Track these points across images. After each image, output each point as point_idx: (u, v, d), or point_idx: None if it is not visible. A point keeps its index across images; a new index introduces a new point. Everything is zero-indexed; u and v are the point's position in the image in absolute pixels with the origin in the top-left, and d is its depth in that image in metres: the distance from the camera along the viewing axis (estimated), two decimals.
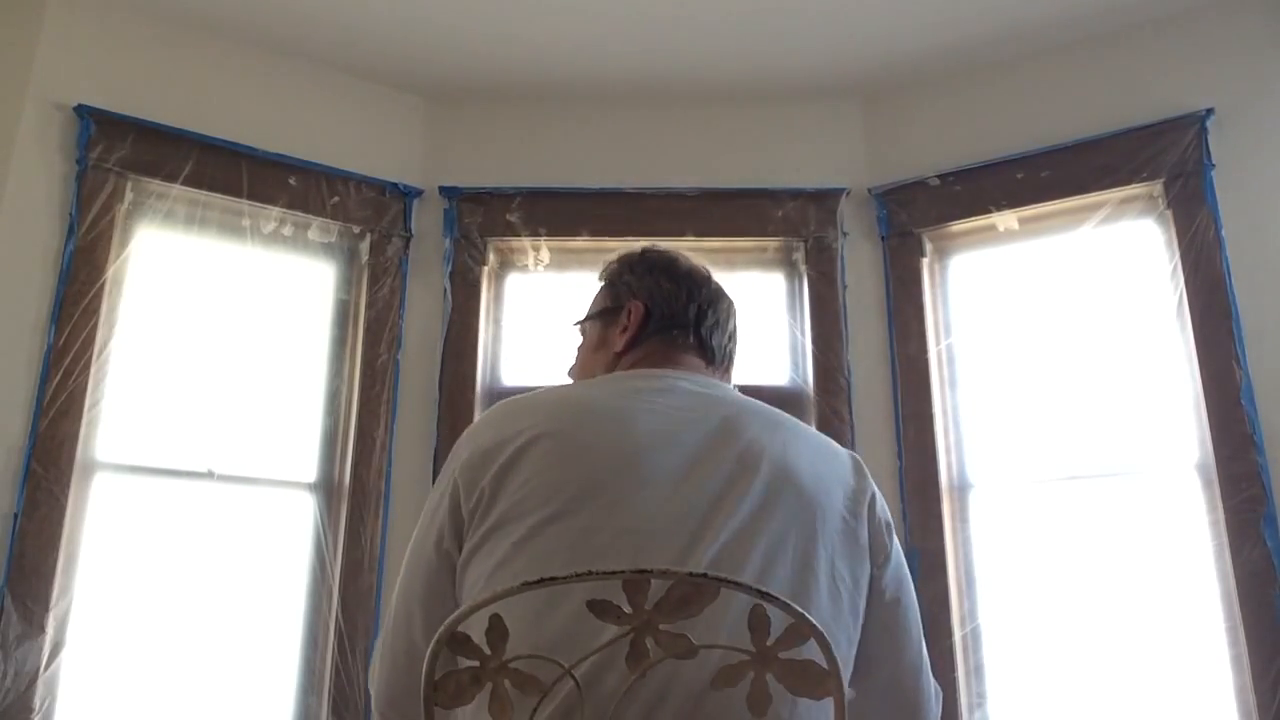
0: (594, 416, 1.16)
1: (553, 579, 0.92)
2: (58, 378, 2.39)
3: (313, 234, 2.84)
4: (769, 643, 0.88)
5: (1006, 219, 2.79)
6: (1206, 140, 2.57)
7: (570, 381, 1.42)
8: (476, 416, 2.76)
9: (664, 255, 1.42)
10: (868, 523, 1.16)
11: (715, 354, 1.36)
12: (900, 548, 1.21)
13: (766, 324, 2.91)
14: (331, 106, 2.94)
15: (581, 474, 1.08)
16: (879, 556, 1.16)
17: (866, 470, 1.22)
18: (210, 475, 2.58)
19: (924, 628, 1.26)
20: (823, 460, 1.18)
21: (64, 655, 2.29)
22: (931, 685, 1.21)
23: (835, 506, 1.14)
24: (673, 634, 0.89)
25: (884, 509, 1.20)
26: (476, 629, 0.89)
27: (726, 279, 1.48)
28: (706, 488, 1.08)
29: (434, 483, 1.20)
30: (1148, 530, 2.47)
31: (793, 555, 1.07)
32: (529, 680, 0.90)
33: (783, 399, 2.65)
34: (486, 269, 2.94)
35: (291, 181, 2.80)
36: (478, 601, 0.89)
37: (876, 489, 1.21)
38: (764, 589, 0.88)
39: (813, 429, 1.28)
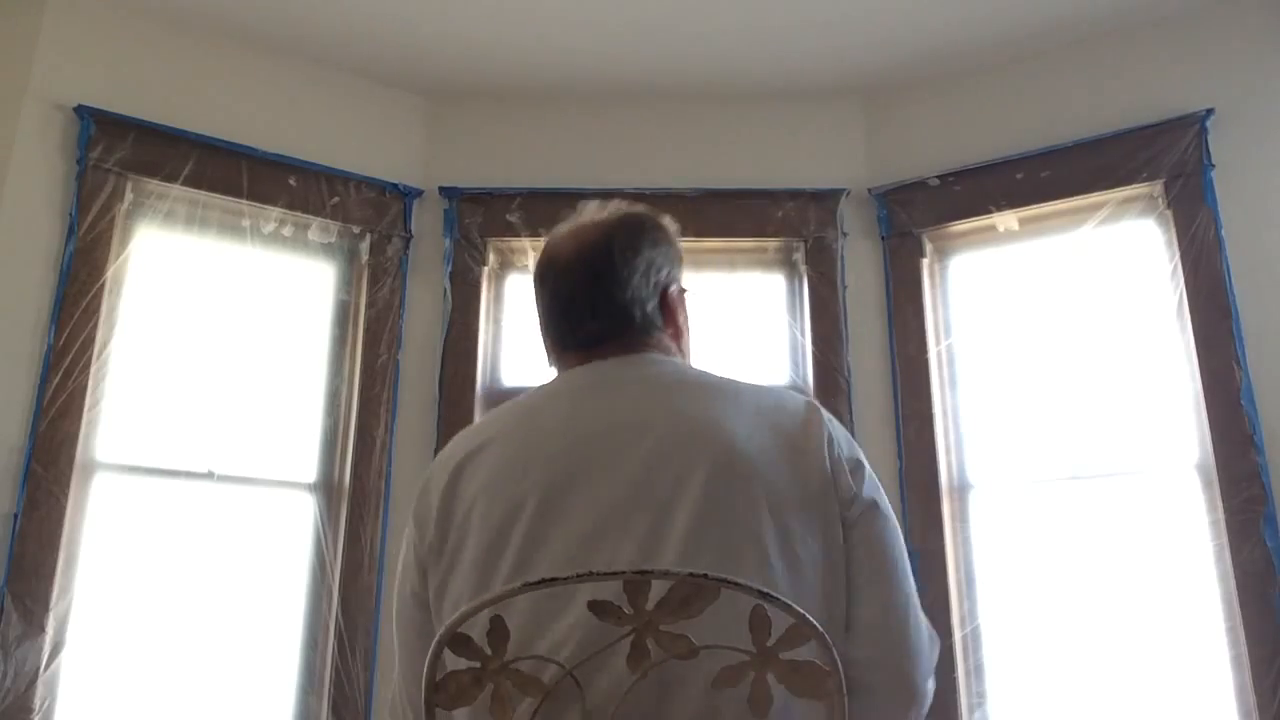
0: (502, 445, 1.15)
1: (553, 580, 0.92)
2: (58, 378, 2.39)
3: (313, 234, 2.84)
4: (770, 643, 0.88)
5: (1006, 219, 2.79)
6: (1206, 140, 2.57)
7: None
8: (477, 417, 2.76)
9: (540, 256, 1.31)
10: (829, 467, 1.09)
11: (610, 328, 1.23)
12: (875, 482, 1.14)
13: (766, 324, 2.91)
14: (331, 106, 2.94)
15: (504, 507, 1.08)
16: (845, 496, 1.09)
17: (824, 416, 1.15)
18: (210, 475, 2.58)
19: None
20: (765, 423, 1.11)
21: (64, 655, 2.29)
22: (923, 626, 1.12)
23: (782, 471, 1.08)
24: (673, 634, 0.89)
25: (845, 449, 1.12)
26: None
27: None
28: (616, 498, 1.05)
29: None
30: (1148, 530, 2.47)
31: (720, 537, 1.02)
32: (530, 681, 0.90)
33: None
34: (486, 269, 2.94)
35: (291, 181, 2.80)
36: (478, 602, 0.89)
37: (835, 431, 1.14)
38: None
39: (759, 386, 1.19)
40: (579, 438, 1.12)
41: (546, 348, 1.30)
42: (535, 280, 1.29)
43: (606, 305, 1.23)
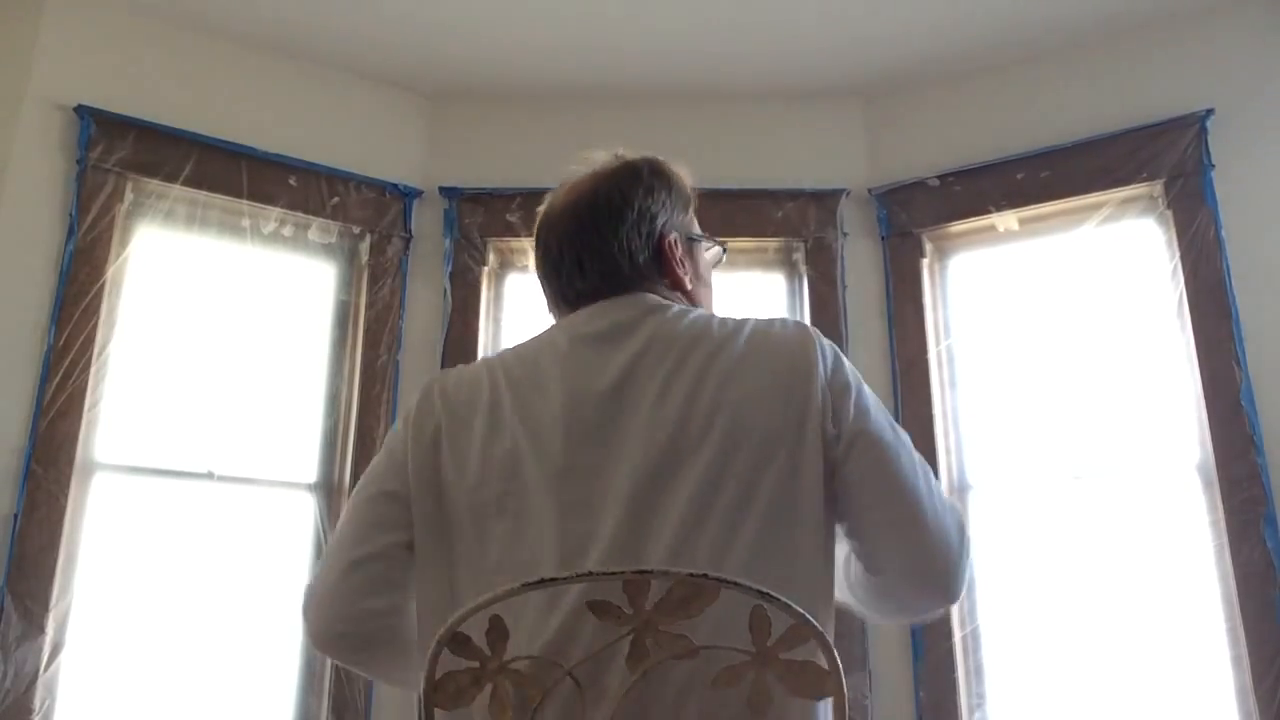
0: (496, 410, 1.14)
1: (553, 579, 0.92)
2: (58, 378, 2.39)
3: (313, 234, 2.84)
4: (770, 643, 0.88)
5: (1006, 219, 2.79)
6: (1206, 140, 2.57)
7: None
8: None
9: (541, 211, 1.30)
10: (820, 396, 1.08)
11: (597, 284, 1.21)
12: (872, 399, 1.12)
13: None
14: (331, 106, 2.94)
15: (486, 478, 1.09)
16: (840, 417, 1.08)
17: (817, 341, 1.13)
18: (210, 476, 2.58)
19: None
20: (752, 367, 1.10)
21: (64, 655, 2.29)
22: (944, 515, 1.09)
23: (775, 414, 1.06)
24: (674, 635, 0.89)
25: (836, 372, 1.11)
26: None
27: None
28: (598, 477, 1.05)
29: None
30: (1148, 530, 2.47)
31: (726, 503, 1.02)
32: (528, 680, 0.90)
33: None
34: (486, 269, 2.94)
35: (291, 182, 2.80)
36: (479, 602, 0.89)
37: (828, 353, 1.13)
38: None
39: (751, 323, 1.15)
40: (570, 399, 1.10)
41: (547, 303, 1.29)
42: (535, 236, 1.29)
43: (594, 260, 1.21)
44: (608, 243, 1.22)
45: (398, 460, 1.15)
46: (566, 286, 1.24)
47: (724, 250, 1.39)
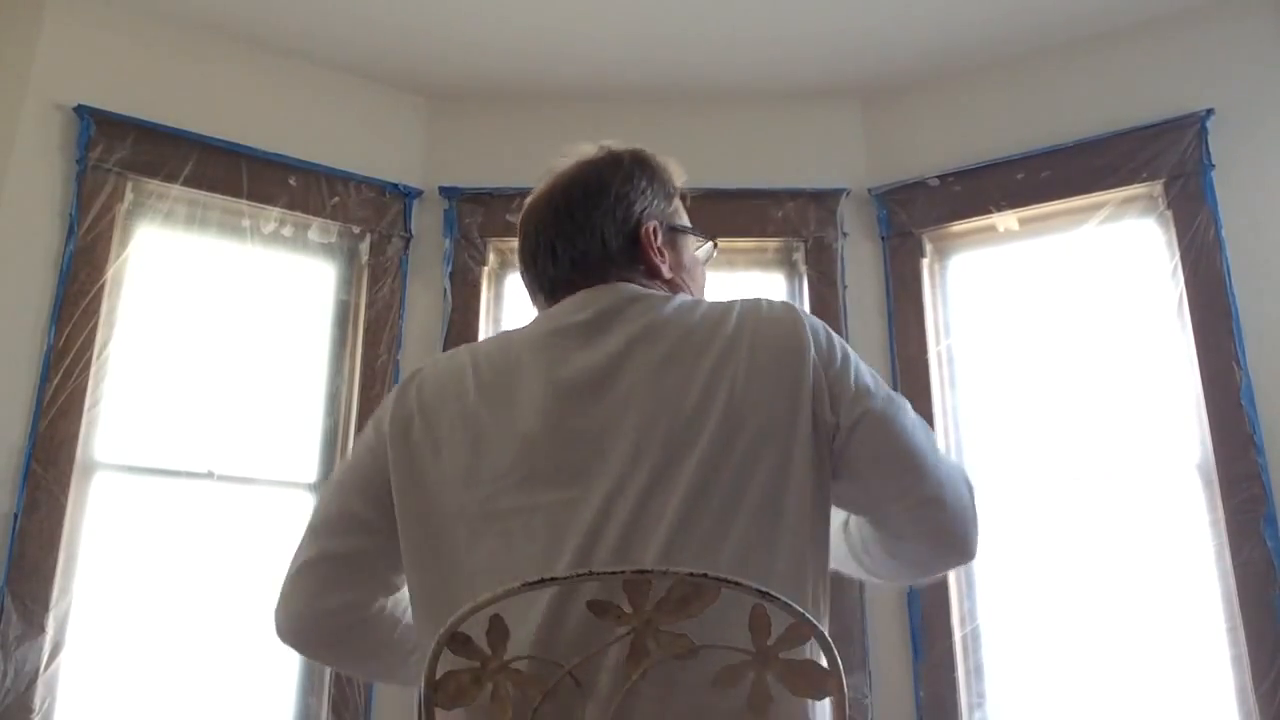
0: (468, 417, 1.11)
1: (553, 579, 0.92)
2: (58, 378, 2.39)
3: (313, 234, 2.84)
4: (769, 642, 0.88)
5: (1006, 219, 2.79)
6: (1206, 140, 2.56)
7: None
8: None
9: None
10: (812, 379, 1.06)
11: (568, 273, 1.19)
12: (866, 370, 1.12)
13: None
14: (331, 106, 2.94)
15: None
16: (838, 402, 1.07)
17: (806, 322, 1.11)
18: (210, 475, 2.58)
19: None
20: (744, 354, 1.07)
21: (64, 655, 2.29)
22: (955, 477, 1.11)
23: (769, 403, 1.04)
24: (673, 634, 0.89)
25: (828, 352, 1.09)
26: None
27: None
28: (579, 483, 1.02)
29: None
30: (1148, 530, 2.47)
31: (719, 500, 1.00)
32: (529, 680, 0.90)
33: None
34: (486, 269, 2.94)
35: (291, 181, 2.80)
36: (479, 602, 0.89)
37: (820, 333, 1.10)
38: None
39: (738, 306, 1.12)
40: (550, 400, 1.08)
41: (529, 294, 1.29)
42: (518, 226, 1.30)
43: (566, 246, 1.20)
44: (581, 228, 1.20)
45: (363, 465, 1.14)
46: (541, 274, 1.24)
47: (715, 247, 1.37)
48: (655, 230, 1.23)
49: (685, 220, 1.32)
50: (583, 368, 1.09)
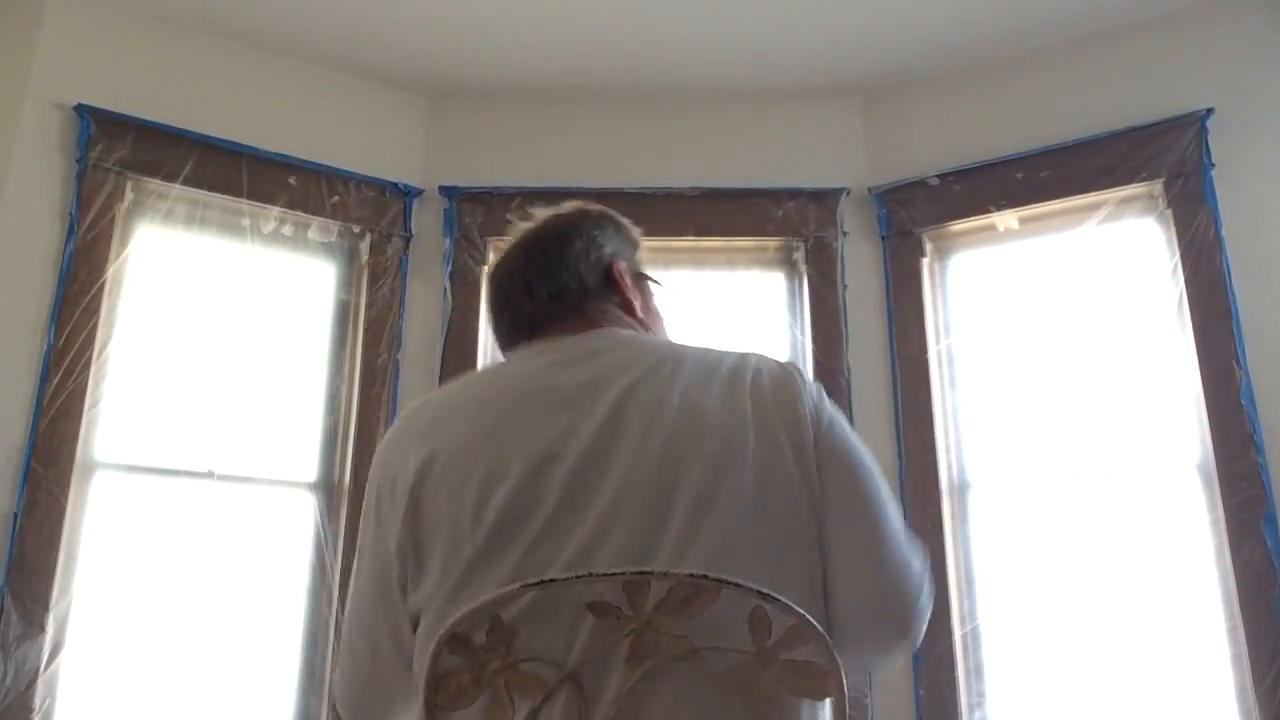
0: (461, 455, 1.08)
1: (552, 579, 0.92)
2: (58, 378, 2.39)
3: (313, 234, 2.84)
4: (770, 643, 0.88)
5: (1006, 219, 2.79)
6: (1206, 140, 2.56)
7: None
8: None
9: None
10: (809, 433, 1.05)
11: (545, 308, 1.19)
12: (844, 427, 1.10)
13: (766, 324, 2.91)
14: (331, 106, 2.94)
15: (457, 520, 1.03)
16: (822, 458, 1.06)
17: (800, 377, 1.11)
18: (210, 475, 2.58)
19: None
20: (739, 408, 1.06)
21: (64, 655, 2.29)
22: (904, 558, 1.09)
23: (762, 452, 1.03)
24: (674, 635, 0.89)
25: (820, 410, 1.08)
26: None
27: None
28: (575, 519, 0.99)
29: None
30: (1148, 530, 2.47)
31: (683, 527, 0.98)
32: (531, 681, 0.90)
33: None
34: (486, 269, 2.94)
35: (291, 181, 2.80)
36: (479, 603, 0.89)
37: (813, 390, 1.10)
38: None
39: (732, 358, 1.12)
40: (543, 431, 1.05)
41: (498, 344, 1.25)
42: (487, 287, 1.29)
43: (542, 283, 1.20)
44: (556, 265, 1.21)
45: (380, 546, 1.13)
46: (518, 314, 1.21)
47: (670, 292, 1.36)
48: (626, 271, 1.26)
49: (649, 273, 1.33)
50: (584, 408, 1.06)
